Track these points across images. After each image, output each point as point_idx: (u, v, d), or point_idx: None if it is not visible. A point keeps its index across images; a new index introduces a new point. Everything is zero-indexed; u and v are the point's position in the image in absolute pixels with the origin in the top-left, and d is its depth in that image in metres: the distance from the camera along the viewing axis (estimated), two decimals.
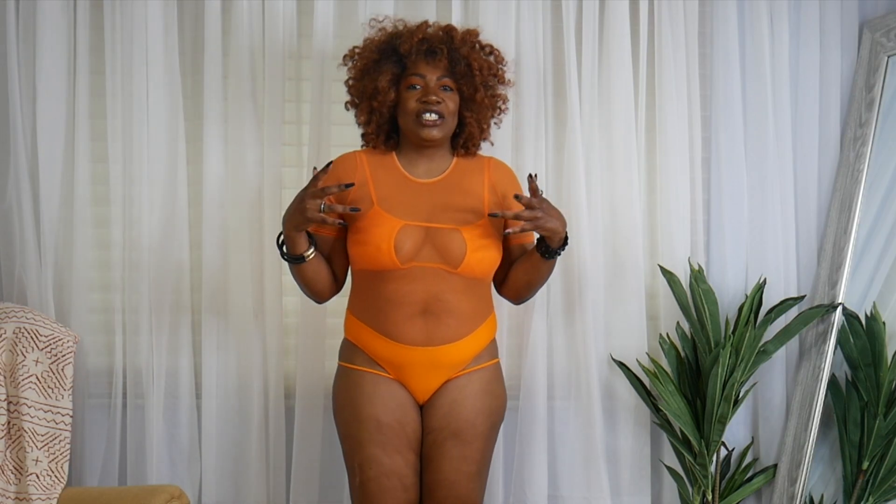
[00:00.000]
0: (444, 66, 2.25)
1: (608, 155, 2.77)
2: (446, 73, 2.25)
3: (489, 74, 2.29)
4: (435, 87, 2.23)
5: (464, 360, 2.24)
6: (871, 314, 2.73)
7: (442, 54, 2.24)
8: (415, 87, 2.23)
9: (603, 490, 2.73)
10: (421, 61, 2.24)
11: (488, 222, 2.25)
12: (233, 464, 2.72)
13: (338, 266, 2.31)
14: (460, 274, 2.19)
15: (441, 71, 2.25)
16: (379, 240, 2.17)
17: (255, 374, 2.70)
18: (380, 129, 2.30)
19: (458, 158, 2.34)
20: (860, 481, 2.71)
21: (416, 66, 2.24)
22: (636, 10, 2.76)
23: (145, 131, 2.67)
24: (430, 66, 2.24)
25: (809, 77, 2.85)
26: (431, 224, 2.21)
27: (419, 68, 2.24)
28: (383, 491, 2.19)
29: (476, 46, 2.29)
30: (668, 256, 2.78)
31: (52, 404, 2.44)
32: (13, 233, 2.66)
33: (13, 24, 2.63)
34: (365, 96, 2.28)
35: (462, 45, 2.25)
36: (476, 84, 2.27)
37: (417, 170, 2.29)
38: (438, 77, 2.24)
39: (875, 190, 2.82)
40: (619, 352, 2.78)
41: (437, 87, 2.24)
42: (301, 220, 2.12)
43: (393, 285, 2.19)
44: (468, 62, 2.25)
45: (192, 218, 2.73)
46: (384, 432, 2.20)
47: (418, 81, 2.23)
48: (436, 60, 2.24)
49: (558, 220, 2.17)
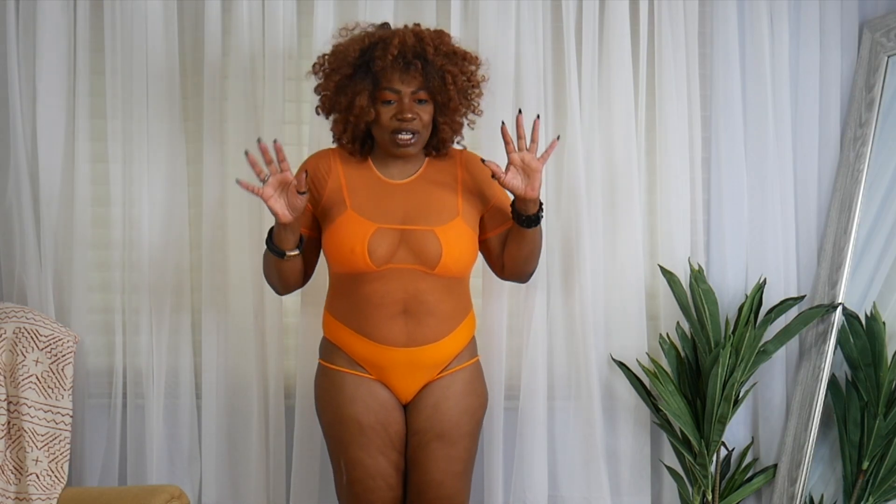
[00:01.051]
0: (419, 81, 2.20)
1: (608, 155, 2.77)
2: (421, 87, 2.21)
3: (465, 83, 2.26)
4: (409, 103, 2.19)
5: (445, 359, 2.25)
6: (871, 314, 2.73)
7: (416, 69, 2.19)
8: (389, 102, 2.20)
9: (603, 490, 2.73)
10: (395, 76, 2.19)
11: (462, 221, 2.24)
12: (233, 464, 2.72)
13: (309, 263, 2.32)
14: (437, 274, 2.19)
15: (416, 85, 2.20)
16: (353, 243, 2.17)
17: (255, 374, 2.69)
18: (355, 139, 2.29)
19: (429, 158, 2.33)
20: (860, 481, 2.71)
21: (390, 81, 2.19)
22: (636, 10, 2.76)
23: (145, 131, 2.67)
24: (404, 82, 2.19)
25: (809, 77, 2.84)
26: (406, 226, 2.20)
27: (393, 83, 2.19)
28: (368, 491, 2.22)
29: (450, 55, 2.24)
30: (668, 256, 2.78)
31: (52, 404, 2.44)
32: (13, 233, 2.66)
33: (13, 23, 2.63)
34: (340, 109, 2.26)
35: (436, 57, 2.21)
36: (451, 94, 2.24)
37: (391, 171, 2.28)
38: (413, 91, 2.20)
39: (875, 190, 2.82)
40: (619, 352, 2.78)
41: (412, 101, 2.20)
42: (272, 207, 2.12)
43: (371, 286, 2.19)
44: (442, 74, 2.22)
45: (192, 218, 2.73)
46: (366, 434, 2.21)
47: (392, 97, 2.20)
48: (410, 75, 2.19)
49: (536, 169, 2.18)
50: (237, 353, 2.70)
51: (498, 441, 2.70)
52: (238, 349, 2.70)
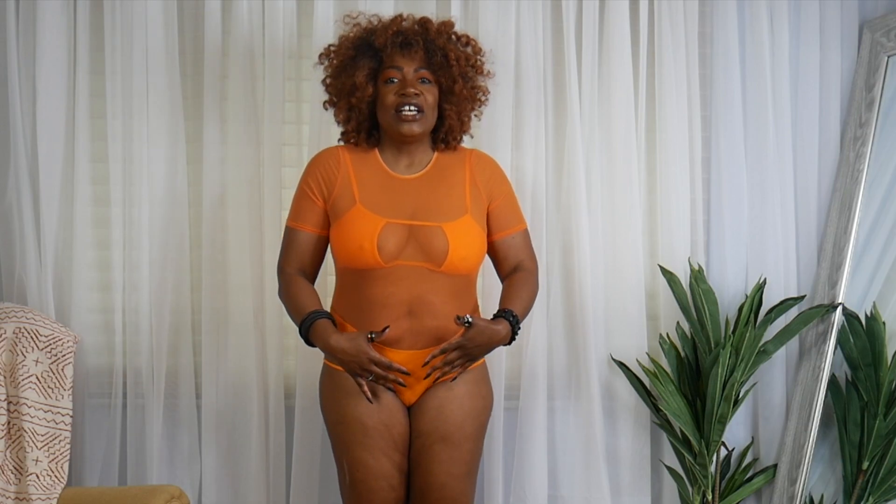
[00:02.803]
0: (420, 57, 2.23)
1: (608, 155, 2.77)
2: (423, 65, 2.23)
3: (467, 65, 2.27)
4: (413, 80, 2.22)
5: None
6: (871, 314, 2.73)
7: (418, 46, 2.22)
8: (392, 80, 2.22)
9: (603, 490, 2.73)
10: (397, 54, 2.22)
11: (471, 218, 2.24)
12: (233, 464, 2.72)
13: (314, 264, 2.32)
14: (444, 272, 2.19)
15: (418, 63, 2.23)
16: (361, 238, 2.17)
17: (255, 374, 2.69)
18: (360, 127, 2.30)
19: (438, 153, 2.33)
20: (860, 481, 2.71)
21: (392, 59, 2.22)
22: (636, 10, 2.76)
23: (145, 131, 2.67)
24: (406, 59, 2.22)
25: (809, 77, 2.84)
26: (414, 222, 2.20)
27: (396, 61, 2.22)
28: (371, 492, 2.22)
29: (452, 37, 2.27)
30: (668, 256, 2.78)
31: (52, 404, 2.44)
32: (13, 233, 2.66)
33: (13, 23, 2.63)
34: (343, 94, 2.27)
35: (438, 37, 2.24)
36: (454, 75, 2.25)
37: (399, 165, 2.28)
38: (416, 69, 2.22)
39: (875, 190, 2.82)
40: (619, 352, 2.78)
41: (415, 79, 2.22)
42: (351, 370, 2.14)
43: (377, 286, 2.18)
44: (445, 53, 2.24)
45: (192, 218, 2.73)
46: (370, 435, 2.21)
47: (395, 74, 2.22)
48: (412, 52, 2.22)
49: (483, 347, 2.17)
50: (237, 353, 2.70)
51: (498, 441, 2.70)
52: (238, 349, 2.70)
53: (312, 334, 2.17)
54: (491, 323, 2.17)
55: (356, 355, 2.11)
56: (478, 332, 2.14)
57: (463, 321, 2.12)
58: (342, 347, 2.12)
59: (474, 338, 2.14)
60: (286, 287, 2.28)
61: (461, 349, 2.14)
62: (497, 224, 2.32)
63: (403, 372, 2.14)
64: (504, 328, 2.18)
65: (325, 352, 2.18)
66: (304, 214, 2.28)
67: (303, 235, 2.28)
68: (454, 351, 2.14)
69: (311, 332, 2.18)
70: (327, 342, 2.14)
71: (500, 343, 2.19)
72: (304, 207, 2.28)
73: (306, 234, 2.28)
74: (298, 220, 2.29)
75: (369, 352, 2.11)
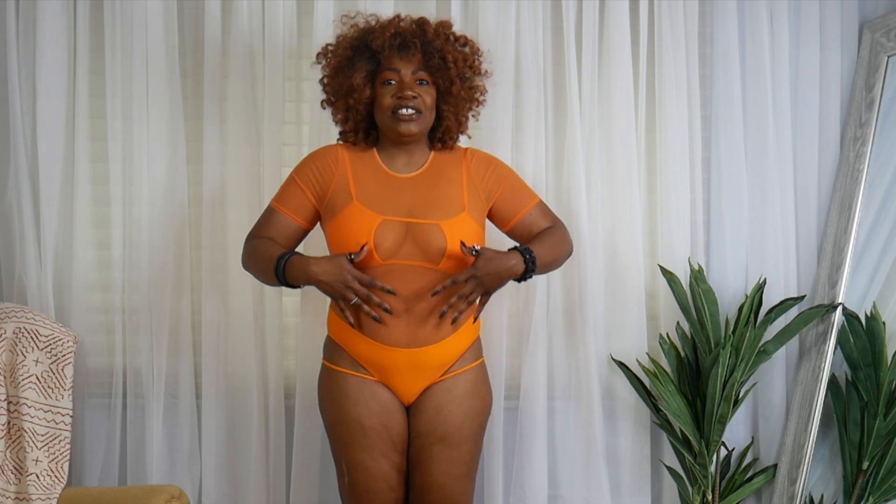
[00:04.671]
0: (418, 59, 2.23)
1: (608, 155, 2.77)
2: (421, 67, 2.24)
3: (465, 66, 2.28)
4: (410, 82, 2.22)
5: (448, 360, 2.24)
6: (871, 314, 2.73)
7: (415, 48, 2.22)
8: (390, 82, 2.22)
9: (603, 490, 2.73)
10: (395, 56, 2.22)
11: (469, 216, 2.24)
12: (233, 464, 2.72)
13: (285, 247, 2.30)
14: (441, 270, 2.19)
15: (416, 65, 2.23)
16: (358, 234, 2.17)
17: (255, 373, 2.69)
18: (357, 127, 2.30)
19: (435, 153, 2.33)
20: (860, 481, 2.71)
21: (390, 60, 2.23)
22: (636, 10, 2.76)
23: (145, 131, 2.67)
24: (404, 61, 2.22)
25: (809, 77, 2.84)
26: (412, 219, 2.20)
27: (393, 63, 2.22)
28: (370, 493, 2.22)
29: (450, 38, 2.27)
30: (668, 256, 2.78)
31: (52, 404, 2.44)
32: (13, 233, 2.66)
33: (13, 23, 2.63)
34: (340, 94, 2.28)
35: (435, 38, 2.24)
36: (452, 76, 2.25)
37: (397, 164, 2.29)
38: (413, 71, 2.23)
39: (875, 190, 2.81)
40: (619, 352, 2.78)
41: (413, 81, 2.22)
42: (333, 292, 2.13)
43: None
44: (442, 55, 2.24)
45: (192, 218, 2.73)
46: (368, 435, 2.21)
47: (393, 76, 2.22)
48: (409, 54, 2.22)
49: (494, 276, 2.15)
50: (237, 353, 2.70)
51: (498, 441, 2.70)
52: (238, 349, 2.70)
53: (290, 270, 2.16)
54: (501, 253, 2.17)
55: (338, 273, 2.11)
56: (486, 260, 2.13)
57: (471, 251, 2.12)
58: (323, 269, 2.12)
59: (483, 266, 2.13)
60: (252, 247, 2.28)
61: (473, 279, 2.13)
62: (510, 210, 2.33)
63: (388, 291, 2.12)
64: (516, 261, 2.17)
65: (307, 280, 2.15)
66: (288, 199, 2.29)
67: (281, 217, 2.28)
68: (467, 282, 2.13)
69: (288, 269, 2.16)
70: (307, 269, 2.13)
71: (511, 275, 2.17)
72: (291, 194, 2.29)
73: (285, 217, 2.28)
74: (281, 202, 2.30)
75: (351, 269, 2.11)
